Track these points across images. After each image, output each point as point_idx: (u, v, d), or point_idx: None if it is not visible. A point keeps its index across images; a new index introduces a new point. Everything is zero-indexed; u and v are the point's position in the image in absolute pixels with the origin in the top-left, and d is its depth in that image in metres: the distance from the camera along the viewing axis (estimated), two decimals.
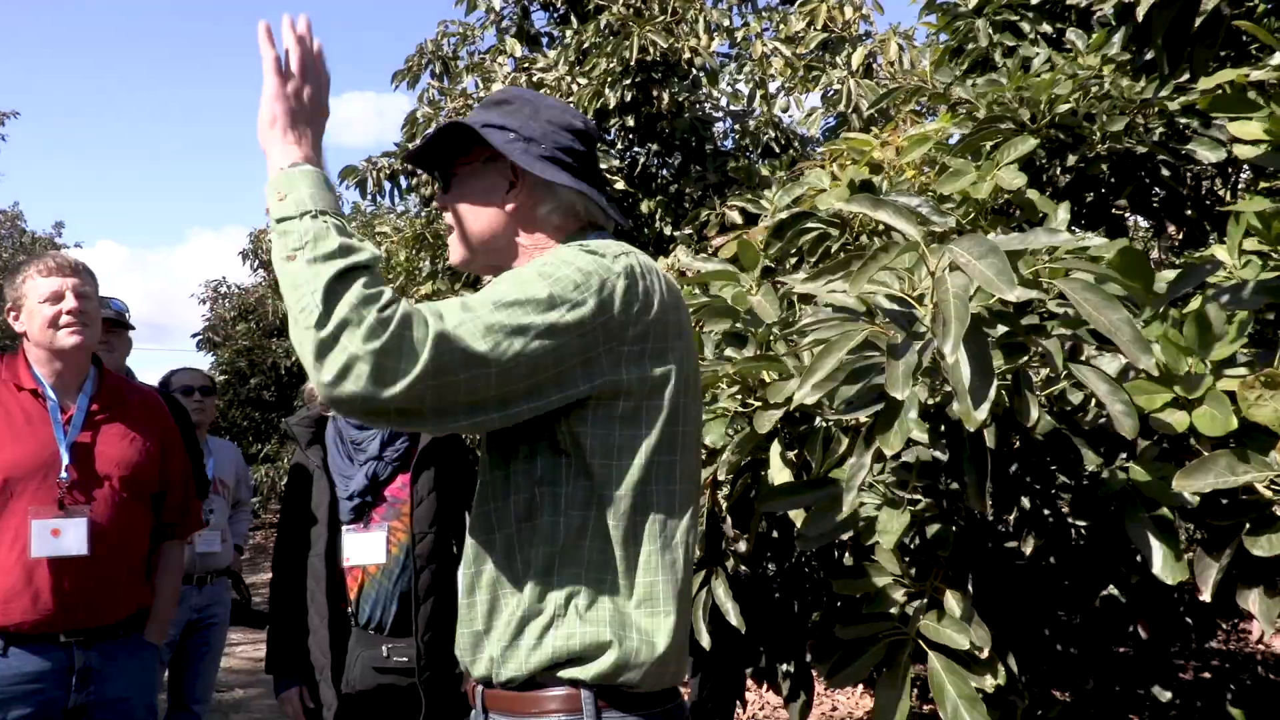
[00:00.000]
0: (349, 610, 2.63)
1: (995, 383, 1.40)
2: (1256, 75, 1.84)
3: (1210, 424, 1.49)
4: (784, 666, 2.31)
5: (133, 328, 3.40)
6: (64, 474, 2.35)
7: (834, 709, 5.10)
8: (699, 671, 2.47)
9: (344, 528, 2.64)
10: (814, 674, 2.34)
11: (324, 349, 1.11)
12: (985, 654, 1.62)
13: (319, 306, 1.12)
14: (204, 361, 16.97)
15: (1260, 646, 5.70)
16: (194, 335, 16.71)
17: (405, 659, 2.57)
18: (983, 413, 1.38)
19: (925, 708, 3.70)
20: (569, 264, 1.26)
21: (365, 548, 2.62)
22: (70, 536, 2.32)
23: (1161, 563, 1.55)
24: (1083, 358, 1.66)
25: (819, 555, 2.26)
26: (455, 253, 1.49)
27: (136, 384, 2.88)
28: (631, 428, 1.27)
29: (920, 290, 1.59)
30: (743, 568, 2.18)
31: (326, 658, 2.60)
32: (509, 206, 1.43)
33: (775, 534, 2.32)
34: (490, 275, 1.46)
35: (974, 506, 1.53)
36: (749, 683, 2.54)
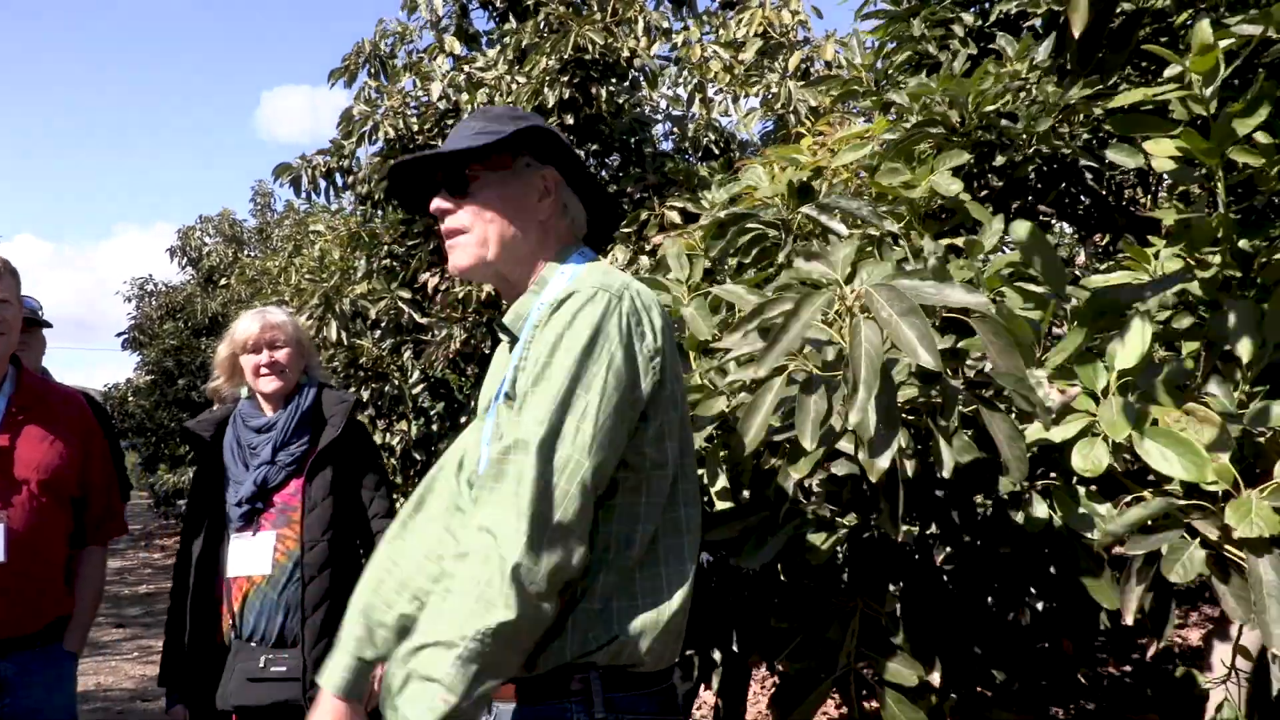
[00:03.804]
0: (231, 623, 2.50)
1: (899, 435, 1.50)
2: (1161, 94, 1.91)
3: (1083, 464, 1.59)
4: (715, 656, 2.31)
5: (48, 325, 3.28)
6: None
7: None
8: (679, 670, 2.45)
9: (231, 535, 2.51)
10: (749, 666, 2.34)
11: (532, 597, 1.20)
12: (937, 682, 1.73)
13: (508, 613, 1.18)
14: (130, 361, 16.47)
15: (1177, 640, 5.92)
16: (119, 334, 16.27)
17: (284, 669, 2.44)
18: (885, 462, 1.49)
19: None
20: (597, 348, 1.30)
21: (250, 557, 2.48)
22: None
23: (1110, 602, 1.68)
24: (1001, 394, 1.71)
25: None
26: (466, 258, 1.47)
27: (57, 385, 2.77)
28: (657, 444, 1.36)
29: (837, 331, 1.65)
30: None
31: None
32: (541, 215, 1.48)
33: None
34: (492, 285, 1.49)
35: (889, 533, 1.62)
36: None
